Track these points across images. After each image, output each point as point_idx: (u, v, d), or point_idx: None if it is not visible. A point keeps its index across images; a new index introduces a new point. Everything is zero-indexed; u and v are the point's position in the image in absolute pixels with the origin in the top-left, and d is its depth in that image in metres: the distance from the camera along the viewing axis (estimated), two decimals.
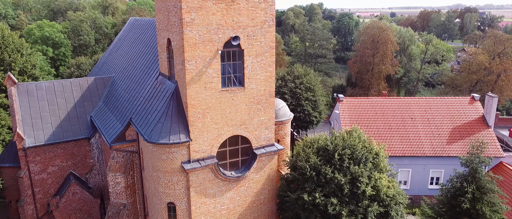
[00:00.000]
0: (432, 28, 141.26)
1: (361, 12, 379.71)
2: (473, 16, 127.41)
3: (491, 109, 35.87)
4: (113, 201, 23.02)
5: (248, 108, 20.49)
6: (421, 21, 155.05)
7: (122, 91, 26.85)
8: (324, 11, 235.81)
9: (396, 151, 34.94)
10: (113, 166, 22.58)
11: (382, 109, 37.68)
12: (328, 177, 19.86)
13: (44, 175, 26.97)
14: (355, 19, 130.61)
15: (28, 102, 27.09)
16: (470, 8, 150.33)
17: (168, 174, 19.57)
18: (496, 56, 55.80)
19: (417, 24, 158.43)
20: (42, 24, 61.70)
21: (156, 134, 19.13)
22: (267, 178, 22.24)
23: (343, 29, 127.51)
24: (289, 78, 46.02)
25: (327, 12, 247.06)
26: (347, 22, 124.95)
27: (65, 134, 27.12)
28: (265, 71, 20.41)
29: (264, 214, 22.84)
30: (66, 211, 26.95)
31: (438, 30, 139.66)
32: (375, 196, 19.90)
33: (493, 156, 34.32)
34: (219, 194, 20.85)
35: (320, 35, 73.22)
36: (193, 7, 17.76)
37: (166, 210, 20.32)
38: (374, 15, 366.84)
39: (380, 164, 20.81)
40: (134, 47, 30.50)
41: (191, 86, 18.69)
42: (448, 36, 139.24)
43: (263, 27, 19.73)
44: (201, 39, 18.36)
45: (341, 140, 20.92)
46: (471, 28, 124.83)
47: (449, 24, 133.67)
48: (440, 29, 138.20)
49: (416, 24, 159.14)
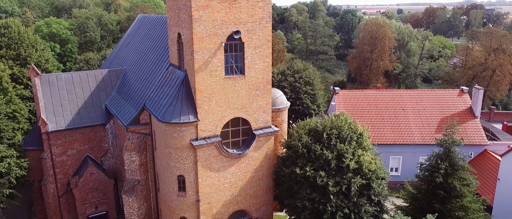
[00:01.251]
0: (438, 25, 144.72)
1: (368, 9, 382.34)
2: (478, 13, 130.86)
3: (478, 101, 39.64)
4: (129, 178, 27.03)
5: (248, 93, 24.43)
6: (427, 17, 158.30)
7: (134, 81, 30.87)
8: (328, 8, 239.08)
9: (388, 140, 38.79)
10: (128, 146, 26.58)
11: (375, 101, 41.52)
12: (317, 154, 23.77)
13: (64, 157, 31.03)
14: (358, 16, 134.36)
15: (50, 92, 31.16)
16: (476, 4, 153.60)
17: (179, 150, 23.55)
18: (492, 52, 59.42)
19: (422, 21, 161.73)
20: (50, 21, 65.97)
21: (169, 115, 23.11)
22: (264, 157, 26.18)
23: (346, 26, 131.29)
24: (289, 72, 49.77)
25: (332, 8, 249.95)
26: (350, 19, 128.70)
27: (82, 120, 31.19)
28: (262, 61, 24.35)
29: (262, 189, 26.77)
30: (84, 190, 31.00)
31: (444, 27, 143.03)
32: (358, 170, 23.78)
33: (478, 143, 38.22)
34: (223, 169, 24.81)
35: (321, 32, 77.05)
36: (201, 6, 21.73)
37: (177, 182, 24.31)
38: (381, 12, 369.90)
39: (363, 143, 24.70)
40: (144, 42, 34.53)
41: (199, 74, 22.66)
42: (454, 33, 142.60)
43: (261, 23, 23.68)
44: (208, 33, 22.33)
45: (330, 122, 24.84)
46: (476, 25, 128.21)
47: (454, 21, 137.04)
48: (445, 26, 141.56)
49: (421, 21, 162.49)
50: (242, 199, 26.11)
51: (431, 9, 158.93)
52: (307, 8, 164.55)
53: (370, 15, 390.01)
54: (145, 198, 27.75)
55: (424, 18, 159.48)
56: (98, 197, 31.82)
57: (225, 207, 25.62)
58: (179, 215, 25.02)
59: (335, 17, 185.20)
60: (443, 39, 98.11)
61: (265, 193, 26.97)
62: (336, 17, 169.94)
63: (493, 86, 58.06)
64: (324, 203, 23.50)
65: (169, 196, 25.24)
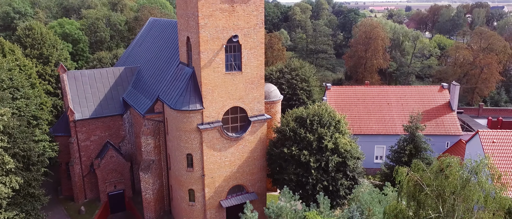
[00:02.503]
0: (442, 23, 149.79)
1: (376, 6, 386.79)
2: (481, 12, 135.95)
3: (455, 96, 45.60)
4: (145, 158, 33.39)
5: (245, 86, 30.67)
6: (431, 16, 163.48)
7: (148, 77, 37.24)
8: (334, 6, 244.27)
9: (373, 130, 44.87)
10: (145, 131, 32.94)
11: (363, 96, 47.60)
12: (301, 136, 29.97)
13: (88, 142, 37.51)
14: (361, 15, 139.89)
15: (76, 86, 37.63)
16: (481, 3, 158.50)
17: (187, 132, 29.85)
18: (481, 52, 65.19)
19: (427, 19, 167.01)
20: (63, 22, 72.65)
21: (180, 104, 29.42)
22: (259, 140, 32.41)
23: (348, 25, 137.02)
24: (287, 70, 55.96)
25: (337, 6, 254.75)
26: (353, 18, 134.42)
27: (103, 110, 37.63)
28: (256, 60, 30.59)
29: (257, 167, 33.00)
30: (104, 170, 37.41)
31: (448, 26, 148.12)
32: (335, 149, 29.93)
33: (453, 134, 44.18)
34: (224, 149, 31.07)
35: (321, 31, 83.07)
36: (206, 15, 28.00)
37: (186, 159, 30.60)
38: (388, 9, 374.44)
39: (340, 128, 30.86)
40: (156, 43, 40.91)
41: (204, 70, 28.93)
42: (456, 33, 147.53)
43: (255, 28, 29.92)
44: (211, 37, 28.59)
45: (312, 111, 31.02)
46: (479, 23, 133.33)
47: (458, 20, 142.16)
48: (449, 24, 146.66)
49: (426, 19, 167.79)
50: (240, 175, 32.37)
51: (436, 8, 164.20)
52: (311, 6, 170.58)
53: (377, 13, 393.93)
54: (158, 176, 34.10)
55: (429, 16, 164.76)
56: (117, 178, 38.21)
57: (226, 182, 31.89)
58: (188, 187, 31.35)
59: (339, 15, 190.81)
60: (443, 38, 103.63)
61: (259, 171, 33.20)
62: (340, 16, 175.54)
63: (481, 83, 63.81)
64: (306, 176, 29.68)
65: (179, 172, 31.57)
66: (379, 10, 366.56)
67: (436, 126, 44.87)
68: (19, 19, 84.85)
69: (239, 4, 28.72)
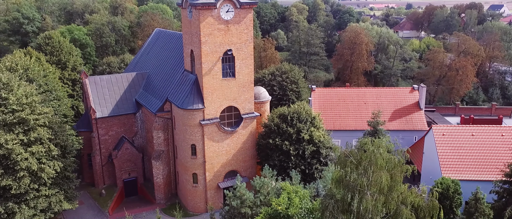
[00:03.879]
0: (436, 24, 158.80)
1: (376, 4, 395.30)
2: (473, 13, 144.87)
3: (422, 96, 54.51)
4: (156, 149, 42.28)
5: (238, 90, 39.54)
6: (427, 16, 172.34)
7: (157, 81, 46.13)
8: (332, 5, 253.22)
9: (352, 126, 53.69)
10: (156, 126, 41.82)
11: (344, 96, 56.50)
12: (283, 130, 38.85)
13: (106, 137, 46.36)
14: (355, 16, 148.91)
15: (96, 89, 46.47)
16: (474, 3, 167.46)
17: (192, 127, 38.72)
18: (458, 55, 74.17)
19: (423, 20, 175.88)
20: (72, 28, 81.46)
21: (186, 104, 38.30)
22: (250, 133, 41.31)
23: (344, 26, 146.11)
24: (278, 73, 64.80)
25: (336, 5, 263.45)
26: (347, 19, 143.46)
27: (119, 110, 46.49)
28: (247, 68, 39.48)
29: (248, 156, 41.91)
30: (121, 160, 46.26)
31: (442, 26, 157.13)
32: (310, 140, 38.79)
33: (420, 129, 53.05)
34: (221, 141, 39.96)
35: (313, 35, 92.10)
36: (206, 34, 36.86)
37: (190, 149, 39.48)
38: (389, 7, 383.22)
39: (315, 123, 39.74)
40: (162, 52, 49.80)
41: (205, 77, 37.78)
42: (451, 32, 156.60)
43: (246, 43, 38.80)
44: (211, 50, 37.45)
45: (293, 109, 39.93)
46: (471, 24, 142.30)
47: (451, 20, 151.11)
48: (443, 24, 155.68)
49: (422, 19, 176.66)
50: (234, 162, 41.28)
51: (431, 8, 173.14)
52: (307, 7, 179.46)
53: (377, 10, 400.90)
54: (167, 163, 43.02)
55: (425, 16, 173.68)
56: (131, 166, 47.07)
57: (223, 167, 40.81)
58: (192, 172, 40.26)
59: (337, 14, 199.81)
60: (432, 40, 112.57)
61: (250, 158, 42.12)
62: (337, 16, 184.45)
63: (457, 84, 72.80)
64: (287, 162, 38.55)
65: (185, 159, 40.47)
66: (379, 7, 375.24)
67: (406, 123, 53.80)
68: (27, 25, 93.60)
69: (233, 24, 37.65)
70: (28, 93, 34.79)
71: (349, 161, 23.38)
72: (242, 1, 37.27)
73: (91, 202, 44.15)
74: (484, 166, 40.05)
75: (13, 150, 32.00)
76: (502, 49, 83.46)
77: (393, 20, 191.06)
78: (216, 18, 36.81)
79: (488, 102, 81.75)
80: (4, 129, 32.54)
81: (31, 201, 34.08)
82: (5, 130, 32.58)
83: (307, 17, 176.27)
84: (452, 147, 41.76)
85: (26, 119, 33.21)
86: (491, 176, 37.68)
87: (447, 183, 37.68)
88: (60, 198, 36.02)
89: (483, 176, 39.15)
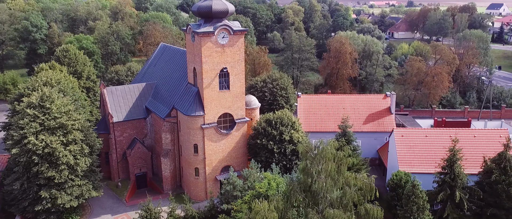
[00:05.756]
0: (429, 26, 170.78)
1: (377, 1, 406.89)
2: (463, 16, 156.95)
3: (392, 102, 66.25)
4: (164, 148, 53.99)
5: (232, 99, 51.23)
6: (422, 18, 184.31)
7: (165, 91, 57.79)
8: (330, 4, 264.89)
9: (331, 129, 65.34)
10: (164, 129, 53.50)
11: (325, 102, 68.19)
12: (269, 132, 50.56)
13: (121, 138, 58.05)
14: (350, 19, 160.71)
15: (112, 97, 58.08)
16: (468, 6, 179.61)
17: (194, 130, 50.42)
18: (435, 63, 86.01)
19: (418, 21, 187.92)
20: (80, 37, 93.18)
21: (189, 111, 49.98)
22: (242, 135, 53.04)
23: (338, 28, 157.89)
24: (269, 80, 76.47)
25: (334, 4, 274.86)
26: (341, 23, 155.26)
27: (132, 115, 58.15)
28: (239, 82, 51.16)
29: (240, 153, 53.65)
30: (133, 158, 57.93)
31: (435, 28, 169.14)
32: (290, 140, 50.49)
33: (390, 131, 64.75)
34: (218, 141, 51.68)
35: (305, 43, 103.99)
36: (206, 55, 48.53)
37: (193, 147, 51.20)
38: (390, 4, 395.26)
39: (295, 127, 51.45)
40: (168, 65, 61.48)
41: (205, 90, 49.45)
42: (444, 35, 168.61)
43: (238, 62, 50.48)
44: (210, 68, 49.12)
45: (277, 115, 51.61)
46: (462, 27, 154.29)
47: (444, 23, 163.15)
48: (436, 27, 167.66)
49: (417, 21, 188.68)
50: (229, 158, 53.00)
51: (426, 10, 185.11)
52: (303, 8, 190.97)
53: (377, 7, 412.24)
54: (173, 160, 54.74)
55: (419, 18, 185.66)
56: (141, 163, 58.72)
57: (220, 163, 52.53)
58: (194, 166, 51.96)
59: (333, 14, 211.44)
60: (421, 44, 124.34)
61: (242, 156, 53.87)
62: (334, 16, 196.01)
63: (433, 89, 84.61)
64: (272, 159, 50.21)
65: (188, 156, 52.16)
66: (379, 5, 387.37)
67: (378, 125, 65.55)
68: (36, 32, 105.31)
69: (227, 47, 49.37)
70: (65, 103, 46.52)
71: (309, 154, 35.10)
72: (235, 29, 48.97)
73: (110, 192, 55.84)
74: (433, 162, 51.71)
75: (56, 149, 43.69)
76: (478, 56, 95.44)
77: (388, 21, 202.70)
78: (214, 42, 48.51)
79: (466, 105, 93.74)
80: (49, 132, 44.21)
81: (68, 189, 45.76)
82: (49, 133, 44.25)
83: (303, 19, 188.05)
84: (409, 146, 53.52)
85: (65, 124, 44.93)
86: (437, 170, 49.38)
87: (400, 175, 49.61)
88: (89, 187, 47.72)
89: (431, 169, 50.83)
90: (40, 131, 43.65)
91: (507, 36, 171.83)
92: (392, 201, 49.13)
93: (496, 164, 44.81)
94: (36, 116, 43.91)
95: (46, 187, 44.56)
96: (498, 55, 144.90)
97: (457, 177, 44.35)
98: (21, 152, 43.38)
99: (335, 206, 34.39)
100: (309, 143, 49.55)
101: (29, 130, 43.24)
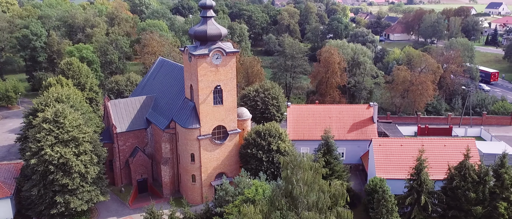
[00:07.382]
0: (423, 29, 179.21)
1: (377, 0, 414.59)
2: (457, 20, 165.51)
3: (375, 112, 74.56)
4: (164, 156, 62.20)
5: (225, 113, 59.45)
6: (417, 20, 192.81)
7: (164, 104, 65.94)
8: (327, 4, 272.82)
9: (318, 137, 73.54)
10: (164, 139, 61.68)
11: (313, 112, 76.42)
12: (258, 142, 58.81)
13: (124, 147, 66.20)
14: (344, 23, 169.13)
15: (116, 109, 66.19)
16: (462, 9, 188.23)
17: (191, 141, 58.63)
18: (419, 71, 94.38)
19: (413, 23, 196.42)
20: (80, 47, 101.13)
21: (187, 124, 58.17)
22: (234, 145, 61.30)
23: (332, 31, 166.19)
24: (261, 90, 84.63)
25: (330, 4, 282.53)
26: (336, 26, 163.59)
27: (133, 126, 66.28)
28: (231, 97, 59.39)
29: (233, 161, 61.90)
30: (135, 165, 66.10)
31: (429, 31, 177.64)
32: (277, 150, 58.73)
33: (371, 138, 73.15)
34: (213, 150, 59.92)
35: (297, 49, 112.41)
36: (202, 74, 56.68)
37: (190, 156, 59.42)
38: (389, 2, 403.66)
39: (282, 137, 59.71)
40: (166, 79, 69.62)
41: (201, 105, 57.63)
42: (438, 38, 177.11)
43: (230, 79, 58.69)
44: (205, 86, 57.28)
45: (265, 127, 59.85)
46: (455, 31, 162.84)
47: (438, 26, 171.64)
48: (430, 30, 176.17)
49: (412, 23, 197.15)
50: (222, 166, 61.26)
51: (421, 12, 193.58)
52: (299, 11, 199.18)
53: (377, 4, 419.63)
54: (172, 167, 62.96)
55: (415, 21, 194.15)
56: (142, 170, 66.89)
57: (214, 170, 60.80)
58: (191, 173, 60.20)
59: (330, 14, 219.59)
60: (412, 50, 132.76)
61: (235, 164, 62.14)
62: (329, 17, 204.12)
63: (418, 97, 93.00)
64: (261, 166, 58.43)
65: (186, 164, 60.40)
66: (379, 2, 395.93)
67: (361, 134, 73.85)
68: (36, 41, 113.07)
69: (221, 67, 57.56)
70: (76, 118, 54.61)
71: (289, 165, 43.36)
72: (227, 51, 57.18)
73: (114, 197, 64.02)
74: (407, 169, 60.02)
75: (69, 159, 51.79)
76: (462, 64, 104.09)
77: (384, 23, 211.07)
78: (209, 63, 56.68)
79: (451, 112, 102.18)
80: (63, 144, 52.30)
81: (79, 194, 53.85)
82: (63, 145, 52.34)
83: (298, 21, 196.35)
84: (385, 154, 61.85)
85: (76, 137, 53.03)
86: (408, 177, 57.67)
87: (376, 181, 57.95)
88: (97, 192, 55.84)
89: (404, 176, 59.13)
90: (55, 144, 51.69)
91: (501, 39, 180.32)
92: (368, 204, 57.43)
93: (458, 171, 53.12)
94: (51, 130, 51.95)
95: (60, 193, 52.61)
96: (489, 59, 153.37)
97: (423, 183, 52.66)
98: (39, 162, 51.42)
99: (311, 209, 42.50)
100: (295, 153, 58.05)
101: (45, 142, 51.28)
